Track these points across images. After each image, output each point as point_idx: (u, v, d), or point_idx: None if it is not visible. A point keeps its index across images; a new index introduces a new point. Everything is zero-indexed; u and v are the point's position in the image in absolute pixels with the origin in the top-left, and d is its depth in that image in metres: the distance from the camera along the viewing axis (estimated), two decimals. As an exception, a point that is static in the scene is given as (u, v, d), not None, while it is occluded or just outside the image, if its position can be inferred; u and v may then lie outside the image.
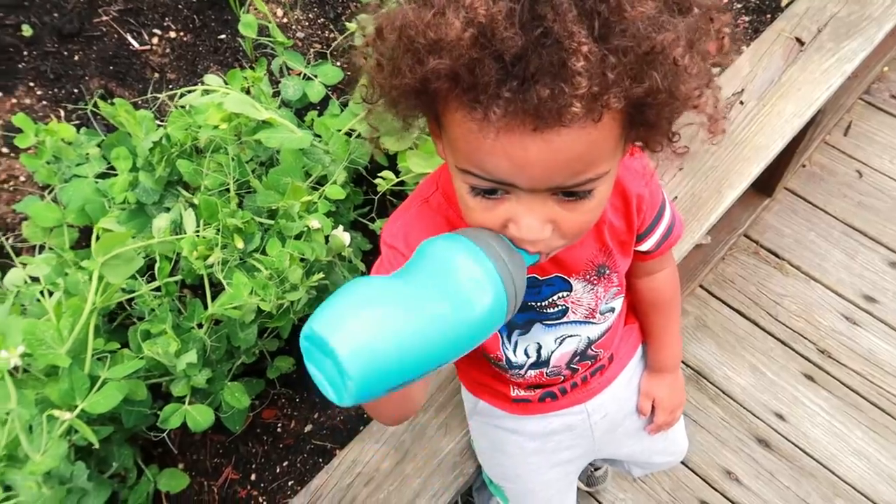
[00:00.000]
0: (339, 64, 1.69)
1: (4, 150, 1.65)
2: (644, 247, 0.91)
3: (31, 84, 1.71)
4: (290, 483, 1.33)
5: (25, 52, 1.73)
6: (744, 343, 1.80)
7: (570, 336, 0.92)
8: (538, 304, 0.87)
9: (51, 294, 1.20)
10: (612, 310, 0.93)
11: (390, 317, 0.53)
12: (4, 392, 1.01)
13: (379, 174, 1.25)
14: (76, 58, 1.75)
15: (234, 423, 1.34)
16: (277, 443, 1.38)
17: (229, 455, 1.38)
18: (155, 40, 1.80)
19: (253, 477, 1.35)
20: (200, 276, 1.22)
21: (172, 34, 1.81)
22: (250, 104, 1.16)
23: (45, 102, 1.69)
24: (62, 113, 1.68)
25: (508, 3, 0.51)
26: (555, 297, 0.87)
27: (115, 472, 1.27)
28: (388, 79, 0.59)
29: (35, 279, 1.19)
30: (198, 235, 1.09)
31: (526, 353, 0.92)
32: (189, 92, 1.22)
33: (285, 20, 1.87)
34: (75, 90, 1.72)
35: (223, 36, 1.83)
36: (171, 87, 1.73)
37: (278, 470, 1.35)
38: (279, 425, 1.40)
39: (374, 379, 0.52)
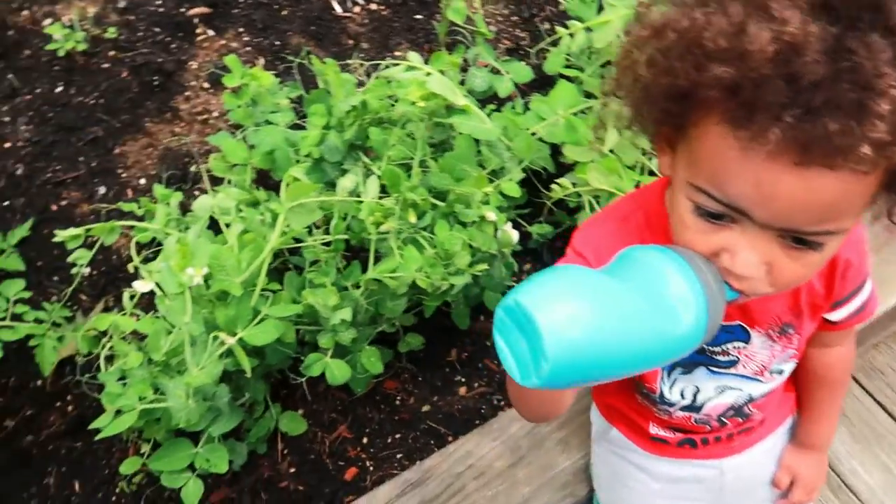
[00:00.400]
0: (527, 63, 1.71)
1: (205, 84, 1.78)
2: (834, 316, 0.87)
3: (241, 30, 1.83)
4: (398, 456, 1.37)
5: (241, 0, 1.86)
6: (882, 441, 1.67)
7: (732, 389, 0.89)
8: (710, 348, 0.84)
9: (225, 228, 1.29)
10: (781, 372, 0.89)
11: (598, 309, 0.53)
12: (181, 305, 1.09)
13: (556, 181, 1.26)
14: (284, 13, 1.86)
15: (359, 385, 1.39)
16: (393, 415, 1.42)
17: (346, 414, 1.44)
18: (357, 9, 1.89)
19: (365, 440, 1.40)
20: (364, 239, 1.27)
21: (373, 6, 1.89)
22: (451, 88, 1.19)
23: (249, 48, 1.81)
24: (262, 61, 1.79)
25: (820, 28, 0.50)
26: (729, 346, 0.84)
27: (246, 402, 1.35)
28: (656, 77, 0.59)
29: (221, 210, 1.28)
30: (378, 203, 1.14)
31: (681, 394, 0.90)
32: (394, 65, 1.27)
33: (481, 12, 1.91)
34: (277, 42, 1.83)
35: (419, 16, 1.89)
36: (361, 55, 1.80)
37: (390, 440, 1.39)
38: (398, 398, 1.44)
39: (567, 367, 0.51)
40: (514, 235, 1.18)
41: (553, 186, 1.26)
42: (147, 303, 1.50)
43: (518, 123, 1.28)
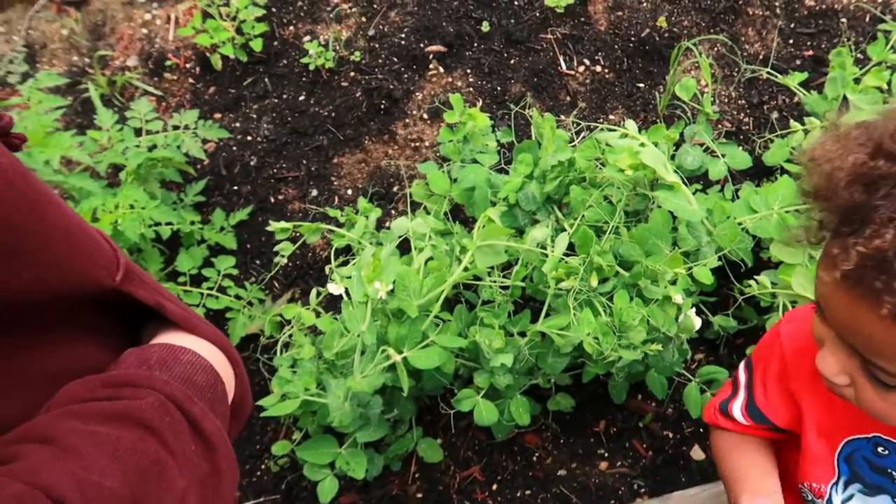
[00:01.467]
0: (744, 149, 1.64)
1: (425, 115, 1.90)
2: None
3: (468, 71, 1.94)
4: (524, 513, 1.35)
5: (475, 44, 1.97)
6: None
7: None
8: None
9: (416, 252, 1.36)
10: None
11: None
12: (362, 314, 1.16)
13: (753, 276, 1.19)
14: (512, 62, 1.94)
15: (501, 431, 1.39)
16: (528, 469, 1.41)
17: (482, 456, 1.44)
18: (581, 69, 1.92)
19: (494, 486, 1.39)
20: (540, 291, 1.28)
21: (598, 68, 1.92)
22: (663, 163, 1.17)
23: (471, 89, 1.91)
24: (480, 103, 1.88)
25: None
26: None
27: (392, 418, 1.40)
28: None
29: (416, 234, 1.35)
30: (563, 260, 1.14)
31: (852, 509, 0.82)
32: (610, 129, 1.28)
33: (706, 90, 1.87)
34: (498, 88, 1.91)
35: (641, 84, 1.89)
36: (575, 113, 1.83)
37: (519, 494, 1.38)
38: (536, 454, 1.42)
39: None
40: (697, 322, 1.12)
41: (749, 282, 1.19)
42: (329, 303, 1.62)
43: (725, 210, 1.23)
